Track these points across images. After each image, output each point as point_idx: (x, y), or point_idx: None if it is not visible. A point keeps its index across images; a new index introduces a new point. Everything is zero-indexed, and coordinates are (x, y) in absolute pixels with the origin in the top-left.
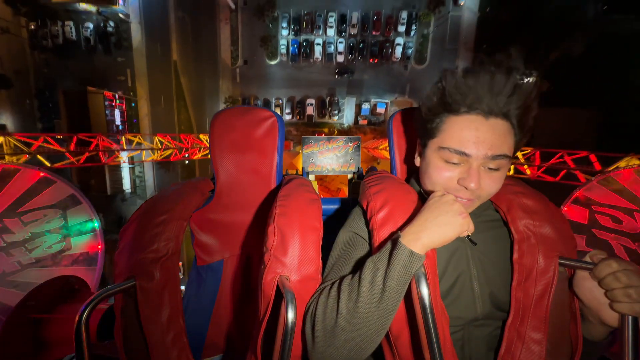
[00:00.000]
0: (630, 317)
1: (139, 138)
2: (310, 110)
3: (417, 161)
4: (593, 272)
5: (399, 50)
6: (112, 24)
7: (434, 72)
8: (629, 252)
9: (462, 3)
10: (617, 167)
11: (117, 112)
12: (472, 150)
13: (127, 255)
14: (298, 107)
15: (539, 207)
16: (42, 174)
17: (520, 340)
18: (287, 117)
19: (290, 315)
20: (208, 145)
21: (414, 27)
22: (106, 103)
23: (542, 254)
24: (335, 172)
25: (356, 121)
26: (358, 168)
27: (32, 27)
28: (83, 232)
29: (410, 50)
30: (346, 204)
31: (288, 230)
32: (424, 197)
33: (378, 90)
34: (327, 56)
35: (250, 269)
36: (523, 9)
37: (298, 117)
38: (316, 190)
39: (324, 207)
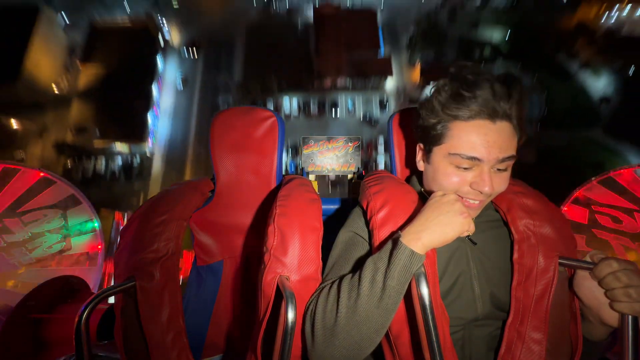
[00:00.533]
0: (630, 316)
1: None
2: None
3: (420, 166)
4: (593, 272)
5: (381, 165)
6: (138, 158)
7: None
8: (629, 252)
9: None
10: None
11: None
12: (484, 155)
13: (127, 255)
14: None
15: (539, 207)
16: (42, 174)
17: (520, 340)
18: None
19: (290, 315)
20: None
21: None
22: (114, 223)
23: (542, 254)
24: (335, 172)
25: None
26: (358, 168)
27: (69, 164)
28: (83, 232)
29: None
30: (346, 204)
31: (288, 230)
32: (424, 197)
33: None
34: None
35: (250, 269)
36: None
37: None
38: (316, 190)
39: (324, 207)
